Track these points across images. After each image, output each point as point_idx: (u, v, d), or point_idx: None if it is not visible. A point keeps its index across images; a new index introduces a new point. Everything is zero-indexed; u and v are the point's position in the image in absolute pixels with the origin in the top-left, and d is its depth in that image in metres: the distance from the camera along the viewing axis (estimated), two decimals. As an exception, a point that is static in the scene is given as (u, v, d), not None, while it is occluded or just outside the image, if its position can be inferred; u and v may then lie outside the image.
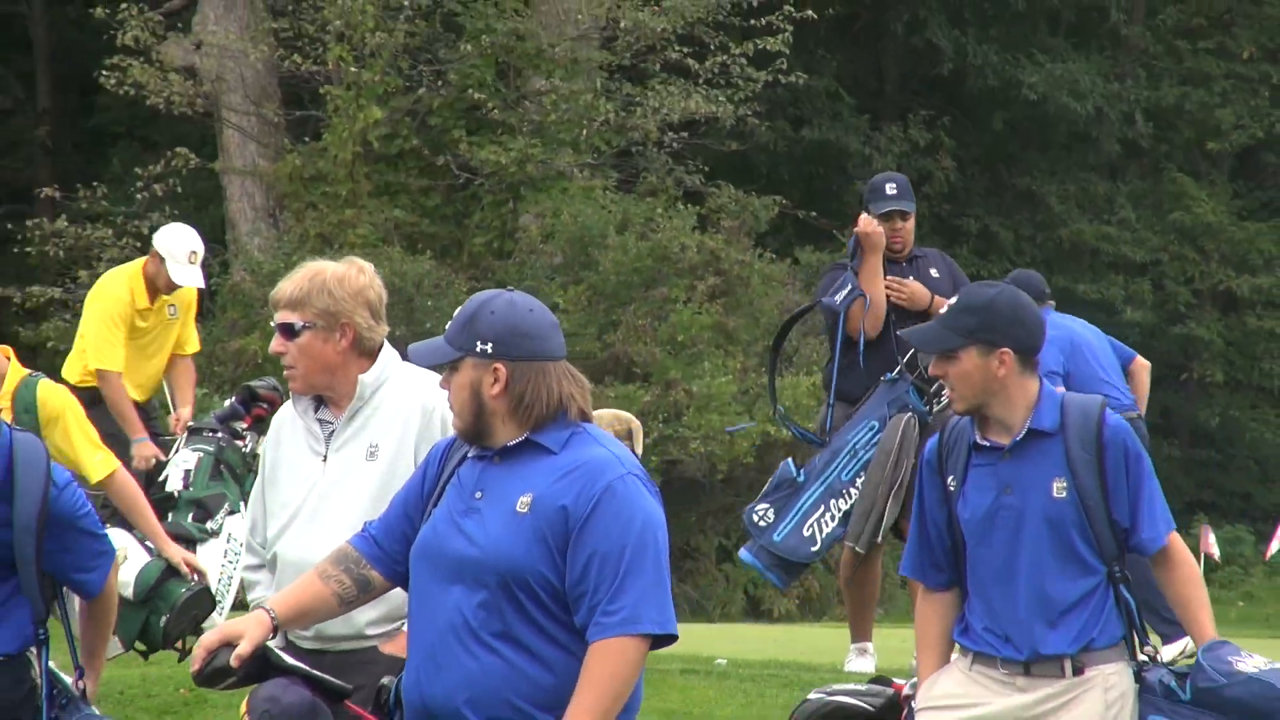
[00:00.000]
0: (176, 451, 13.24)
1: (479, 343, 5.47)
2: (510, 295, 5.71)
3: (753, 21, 25.01)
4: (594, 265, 23.79)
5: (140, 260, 14.43)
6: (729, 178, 26.60)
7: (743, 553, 10.69)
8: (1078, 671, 6.15)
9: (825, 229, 28.53)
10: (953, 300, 6.59)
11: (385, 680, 5.89)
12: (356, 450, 6.69)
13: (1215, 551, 22.11)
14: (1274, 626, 23.15)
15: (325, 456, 6.71)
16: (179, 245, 14.10)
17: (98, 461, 9.68)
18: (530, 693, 5.39)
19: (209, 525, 12.73)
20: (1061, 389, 6.81)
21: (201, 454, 13.06)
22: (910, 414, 11.71)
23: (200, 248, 14.15)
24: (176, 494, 12.82)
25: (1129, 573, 6.33)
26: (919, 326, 7.15)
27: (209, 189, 27.60)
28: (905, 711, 6.74)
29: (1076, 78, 31.83)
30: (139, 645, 9.76)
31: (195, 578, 9.51)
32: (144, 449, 13.48)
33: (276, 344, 6.77)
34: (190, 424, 13.67)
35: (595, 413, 11.87)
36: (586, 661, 5.37)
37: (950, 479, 6.41)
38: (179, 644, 9.26)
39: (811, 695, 7.15)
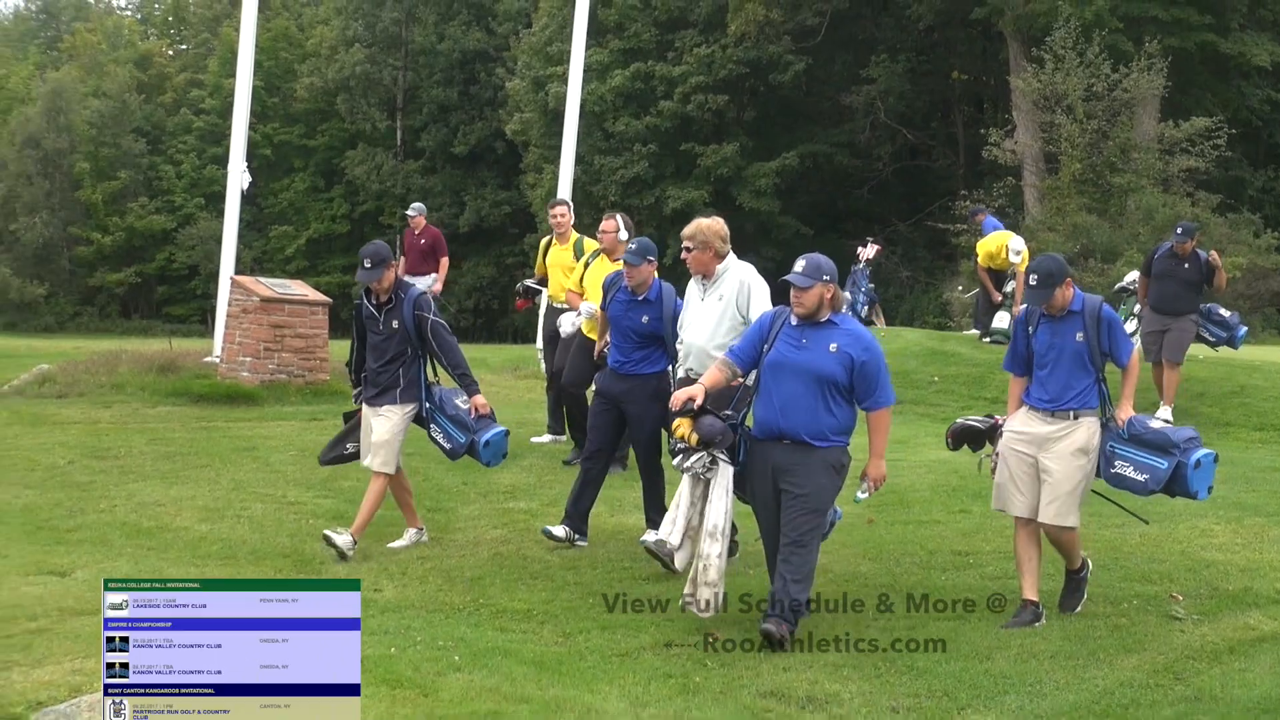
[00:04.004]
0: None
1: (824, 275, 8.14)
2: (819, 255, 8.34)
3: (1213, 132, 34.03)
4: (1154, 219, 32.21)
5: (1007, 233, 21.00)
6: (1204, 189, 35.15)
7: None
8: (1076, 417, 8.55)
9: (1236, 206, 37.03)
10: (1037, 271, 8.49)
11: (728, 411, 8.57)
12: (715, 297, 9.57)
13: None
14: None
15: (703, 299, 9.63)
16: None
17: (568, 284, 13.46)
18: (830, 425, 8.19)
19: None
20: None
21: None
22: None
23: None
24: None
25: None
26: (1035, 289, 8.51)
27: (1015, 191, 37.20)
28: (998, 432, 9.05)
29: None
30: None
31: None
32: None
33: (685, 255, 9.59)
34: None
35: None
36: (870, 423, 8.29)
37: (1030, 328, 8.72)
38: None
39: (956, 420, 9.45)
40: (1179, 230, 16.53)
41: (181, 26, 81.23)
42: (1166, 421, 9.90)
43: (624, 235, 12.59)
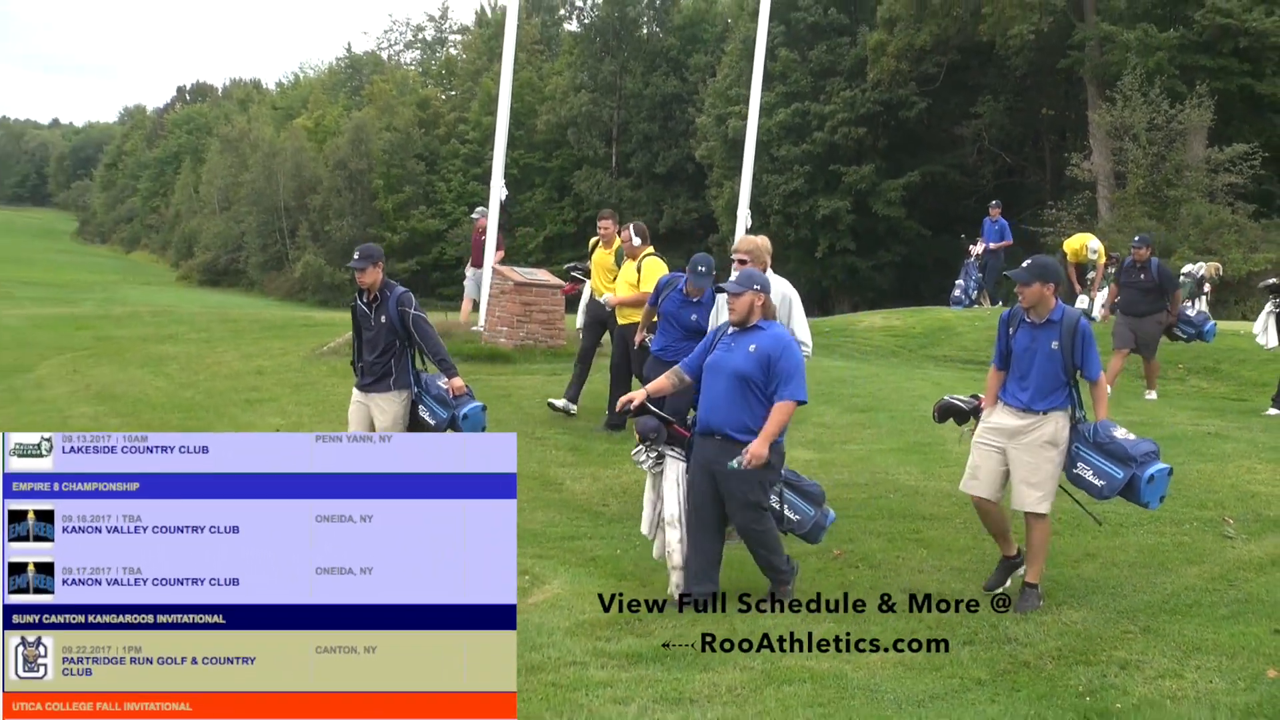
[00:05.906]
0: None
1: (755, 285, 7.12)
2: (754, 269, 7.47)
3: (1250, 156, 31.13)
4: (1201, 223, 30.59)
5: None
6: (1242, 200, 31.82)
7: None
8: (1045, 414, 7.24)
9: (1269, 214, 32.57)
10: (1029, 261, 7.26)
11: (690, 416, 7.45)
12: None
13: None
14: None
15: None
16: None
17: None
18: (750, 421, 7.00)
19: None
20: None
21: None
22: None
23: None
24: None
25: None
26: (1017, 270, 7.20)
27: (1090, 201, 35.01)
28: (977, 415, 7.69)
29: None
30: None
31: None
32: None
33: (740, 268, 8.01)
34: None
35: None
36: (772, 410, 6.99)
37: (1011, 330, 7.38)
38: None
39: (944, 397, 7.88)
40: (1135, 240, 15.18)
41: (452, 78, 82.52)
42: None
43: (636, 241, 11.83)
